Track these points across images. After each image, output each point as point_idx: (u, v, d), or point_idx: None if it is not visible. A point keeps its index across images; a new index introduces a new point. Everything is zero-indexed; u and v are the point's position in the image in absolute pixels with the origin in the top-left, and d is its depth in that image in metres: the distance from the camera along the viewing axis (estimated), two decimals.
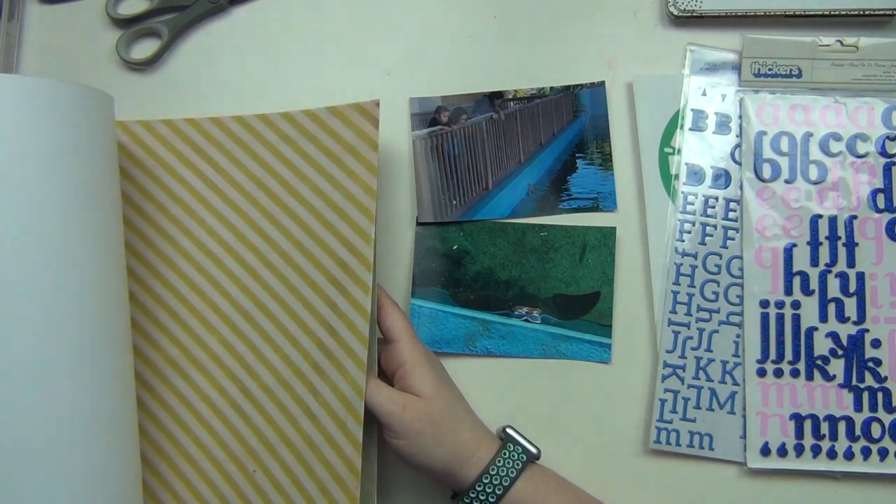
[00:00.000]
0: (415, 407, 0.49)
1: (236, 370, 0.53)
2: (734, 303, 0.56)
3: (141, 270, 0.55)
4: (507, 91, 0.59)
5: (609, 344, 0.57)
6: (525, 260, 0.58)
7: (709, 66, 0.59)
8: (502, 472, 0.49)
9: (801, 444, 0.55)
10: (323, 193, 0.52)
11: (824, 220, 0.56)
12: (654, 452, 0.56)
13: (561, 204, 0.58)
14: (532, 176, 0.59)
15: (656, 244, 0.57)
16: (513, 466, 0.50)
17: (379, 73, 0.60)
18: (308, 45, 0.61)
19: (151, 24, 0.61)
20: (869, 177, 0.57)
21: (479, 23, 0.61)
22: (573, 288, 0.57)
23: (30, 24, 0.62)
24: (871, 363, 0.55)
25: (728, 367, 0.56)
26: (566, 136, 0.59)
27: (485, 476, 0.49)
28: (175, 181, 0.55)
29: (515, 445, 0.51)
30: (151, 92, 0.60)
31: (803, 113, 0.58)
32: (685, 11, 0.58)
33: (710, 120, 0.58)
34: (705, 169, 0.58)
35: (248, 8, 0.62)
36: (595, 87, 0.59)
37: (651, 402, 0.56)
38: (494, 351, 0.57)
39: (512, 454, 0.50)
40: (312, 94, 0.59)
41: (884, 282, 0.56)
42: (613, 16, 0.60)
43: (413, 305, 0.58)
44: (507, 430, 0.53)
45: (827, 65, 0.58)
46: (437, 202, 0.58)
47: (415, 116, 0.59)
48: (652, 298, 0.57)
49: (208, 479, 0.52)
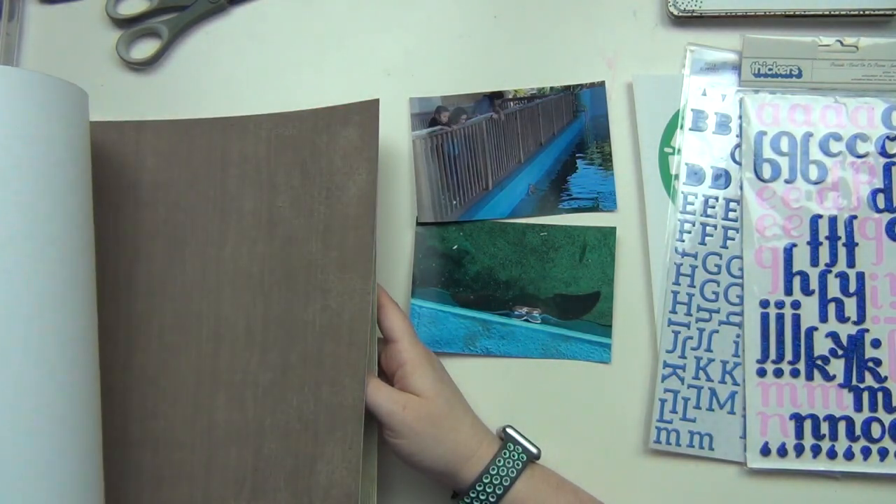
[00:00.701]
0: (415, 407, 0.49)
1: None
2: (734, 303, 0.56)
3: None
4: (507, 91, 0.59)
5: (609, 344, 0.57)
6: (525, 260, 0.58)
7: (709, 66, 0.59)
8: (502, 471, 0.49)
9: (801, 444, 0.55)
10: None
11: (824, 220, 0.56)
12: (654, 452, 0.56)
13: (561, 204, 0.58)
14: (532, 176, 0.59)
15: (656, 244, 0.57)
16: (513, 466, 0.50)
17: (379, 73, 0.60)
18: (308, 45, 0.61)
19: (151, 24, 0.61)
20: (869, 177, 0.57)
21: (479, 23, 0.61)
22: (573, 288, 0.57)
23: (30, 24, 0.62)
24: (871, 363, 0.55)
25: (728, 367, 0.56)
26: (566, 136, 0.59)
27: (485, 476, 0.49)
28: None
29: (516, 445, 0.51)
30: (151, 92, 0.60)
31: (803, 113, 0.58)
32: (685, 11, 0.58)
33: (710, 120, 0.58)
34: (705, 169, 0.58)
35: (248, 8, 0.62)
36: (595, 87, 0.59)
37: (651, 402, 0.56)
38: (494, 351, 0.57)
39: (512, 454, 0.50)
40: (312, 94, 0.59)
41: (884, 282, 0.56)
42: (613, 16, 0.60)
43: (413, 305, 0.58)
44: (508, 429, 0.53)
45: (827, 65, 0.58)
46: (437, 202, 0.58)
47: (415, 116, 0.59)
48: (652, 298, 0.57)
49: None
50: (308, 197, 0.53)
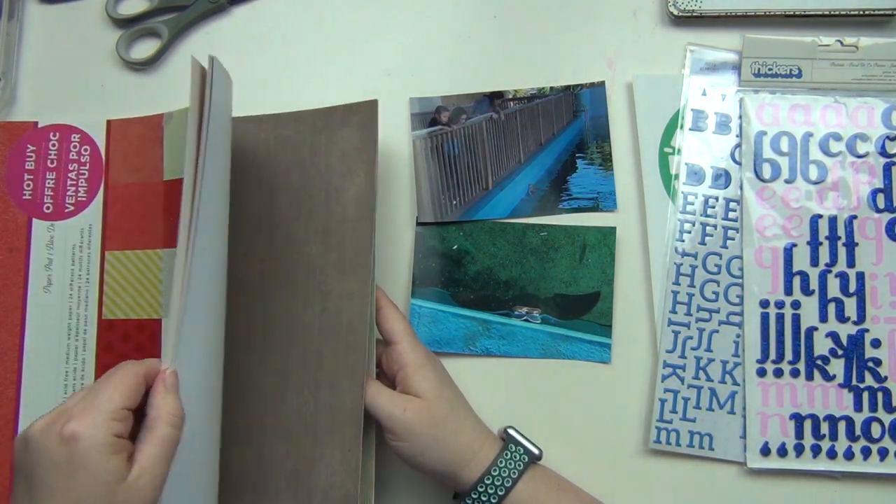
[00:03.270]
0: (416, 409, 0.49)
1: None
2: (734, 303, 0.56)
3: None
4: (507, 91, 0.59)
5: (609, 344, 0.57)
6: (525, 260, 0.58)
7: (709, 66, 0.59)
8: (504, 472, 0.49)
9: (801, 443, 0.55)
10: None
11: (824, 220, 0.56)
12: (654, 452, 0.56)
13: (561, 204, 0.58)
14: (532, 176, 0.59)
15: (656, 244, 0.57)
16: (514, 467, 0.50)
17: (379, 73, 0.60)
18: (308, 45, 0.61)
19: (151, 24, 0.61)
20: (869, 177, 0.57)
21: (478, 23, 0.61)
22: (573, 288, 0.57)
23: (30, 24, 0.62)
24: (871, 363, 0.55)
25: (728, 367, 0.56)
26: (566, 136, 0.59)
27: (486, 477, 0.49)
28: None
29: (517, 446, 0.51)
30: (151, 92, 0.60)
31: (803, 113, 0.58)
32: (685, 11, 0.58)
33: (710, 120, 0.58)
34: (705, 169, 0.58)
35: (248, 8, 0.62)
36: (595, 87, 0.59)
37: (651, 402, 0.56)
38: (494, 351, 0.57)
39: (514, 455, 0.50)
40: (312, 94, 0.59)
41: (884, 282, 0.56)
42: (613, 16, 0.60)
43: (413, 305, 0.58)
44: (509, 430, 0.53)
45: (827, 65, 0.58)
46: (437, 202, 0.58)
47: (415, 116, 0.59)
48: (652, 298, 0.57)
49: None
50: (307, 198, 0.53)
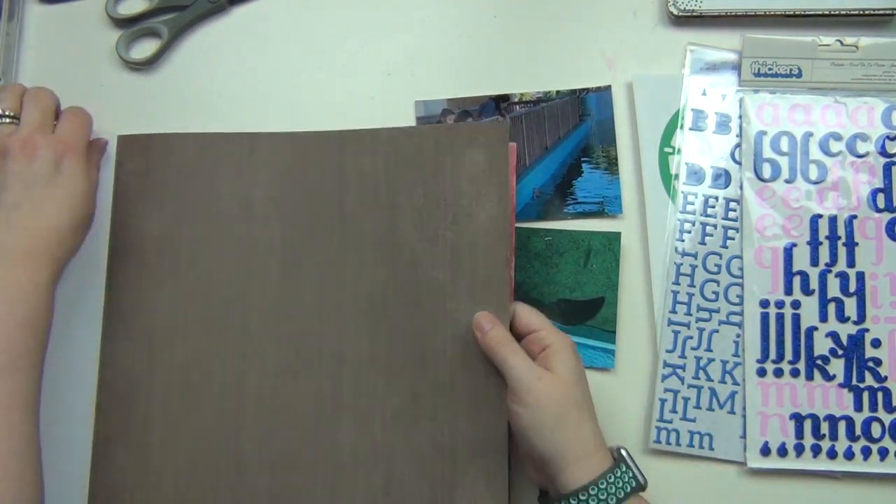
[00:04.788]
0: (550, 381, 0.47)
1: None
2: (734, 302, 0.56)
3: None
4: (513, 94, 0.59)
5: (613, 350, 0.56)
6: (529, 264, 0.57)
7: (709, 65, 0.59)
8: (610, 489, 0.46)
9: (801, 443, 0.55)
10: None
11: (824, 220, 0.57)
12: (654, 452, 0.56)
13: (566, 208, 0.58)
14: (537, 180, 0.58)
15: (656, 244, 0.57)
16: (621, 488, 0.46)
17: (379, 73, 0.60)
18: (308, 45, 0.61)
19: (151, 24, 0.60)
20: (869, 176, 0.57)
21: (478, 23, 0.60)
22: (577, 293, 0.57)
23: (30, 24, 0.62)
24: (871, 363, 0.55)
25: (728, 367, 0.56)
26: (572, 141, 0.59)
27: (592, 487, 0.46)
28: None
29: (627, 469, 0.48)
30: (151, 92, 0.60)
31: (803, 113, 0.58)
32: (685, 11, 0.58)
33: (710, 120, 0.58)
34: (705, 169, 0.58)
35: (248, 8, 0.62)
36: (601, 92, 0.59)
37: (651, 402, 0.56)
38: None
39: (623, 476, 0.47)
40: (313, 95, 0.59)
41: (884, 281, 0.56)
42: (613, 16, 0.60)
43: None
44: (622, 450, 0.49)
45: (827, 65, 0.58)
46: None
47: (420, 119, 0.59)
48: (652, 298, 0.57)
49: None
50: (431, 220, 0.52)
